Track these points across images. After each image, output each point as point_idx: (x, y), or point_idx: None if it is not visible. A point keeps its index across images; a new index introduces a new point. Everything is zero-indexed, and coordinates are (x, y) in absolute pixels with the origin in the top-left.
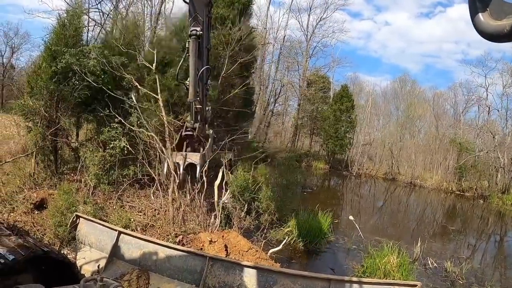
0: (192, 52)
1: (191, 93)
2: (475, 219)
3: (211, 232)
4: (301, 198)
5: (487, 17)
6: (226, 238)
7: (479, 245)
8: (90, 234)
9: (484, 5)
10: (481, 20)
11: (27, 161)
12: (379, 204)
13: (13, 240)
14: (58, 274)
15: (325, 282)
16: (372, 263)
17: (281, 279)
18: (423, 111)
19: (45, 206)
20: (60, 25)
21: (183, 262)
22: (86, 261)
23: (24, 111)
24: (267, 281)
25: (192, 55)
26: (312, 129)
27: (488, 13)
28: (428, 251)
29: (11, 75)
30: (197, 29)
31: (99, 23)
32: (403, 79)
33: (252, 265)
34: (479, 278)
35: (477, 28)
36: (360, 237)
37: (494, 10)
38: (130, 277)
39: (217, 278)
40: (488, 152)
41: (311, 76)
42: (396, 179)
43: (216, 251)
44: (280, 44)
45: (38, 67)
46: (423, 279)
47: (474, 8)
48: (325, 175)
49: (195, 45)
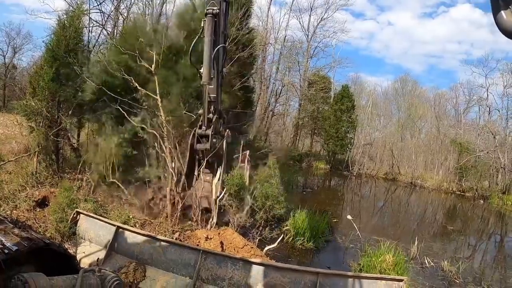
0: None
1: (205, 75)
2: (475, 219)
3: (208, 229)
4: (301, 197)
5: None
6: (222, 235)
7: (479, 246)
8: (90, 230)
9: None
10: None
11: (29, 160)
12: (379, 204)
13: (17, 233)
14: (59, 266)
15: (313, 275)
16: (368, 262)
17: (271, 272)
18: (424, 111)
19: (47, 204)
20: (60, 26)
21: (178, 256)
22: (86, 254)
23: (26, 111)
24: (258, 274)
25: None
26: (313, 129)
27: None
28: (426, 250)
29: (13, 75)
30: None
31: (100, 24)
32: (404, 79)
33: (243, 259)
34: (477, 277)
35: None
36: (358, 236)
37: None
38: (127, 270)
39: (210, 271)
40: (489, 153)
41: (312, 76)
42: (397, 179)
43: (212, 248)
44: (281, 44)
45: (40, 68)
46: (419, 278)
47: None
48: (326, 175)
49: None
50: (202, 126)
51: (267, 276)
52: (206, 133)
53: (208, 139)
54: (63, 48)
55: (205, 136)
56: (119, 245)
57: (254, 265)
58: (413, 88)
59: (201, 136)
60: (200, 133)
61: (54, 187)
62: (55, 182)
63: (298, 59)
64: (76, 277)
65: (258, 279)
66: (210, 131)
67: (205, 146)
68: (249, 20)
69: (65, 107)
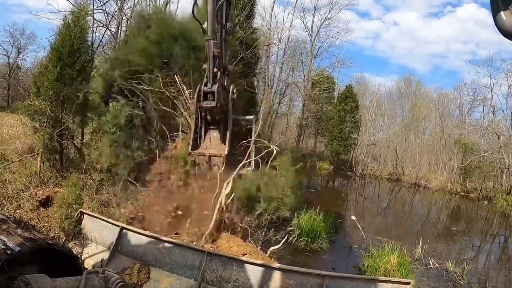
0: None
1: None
2: (479, 220)
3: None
4: (304, 198)
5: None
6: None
7: (483, 247)
8: (94, 230)
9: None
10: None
11: (33, 159)
12: (383, 204)
13: (20, 233)
14: (62, 267)
15: (319, 278)
16: (372, 263)
17: (276, 275)
18: (428, 111)
19: (51, 203)
20: (65, 26)
21: (183, 257)
22: (90, 255)
23: (30, 111)
24: (263, 276)
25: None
26: (317, 129)
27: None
28: (430, 251)
29: (17, 75)
30: None
31: (104, 24)
32: (408, 79)
33: (249, 261)
34: (481, 279)
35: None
36: (362, 237)
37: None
38: (131, 271)
39: (215, 273)
40: (493, 153)
41: (316, 76)
42: (401, 180)
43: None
44: (285, 45)
45: (44, 68)
46: (424, 279)
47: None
48: (329, 175)
49: None
50: (207, 83)
51: (272, 279)
52: (212, 89)
53: (214, 96)
54: (68, 48)
55: (211, 92)
56: (123, 246)
57: (259, 267)
58: (417, 88)
59: (206, 93)
60: (206, 90)
61: (58, 186)
62: (59, 182)
63: (302, 59)
64: (80, 279)
65: (264, 281)
66: (215, 87)
67: (211, 103)
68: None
69: (69, 107)
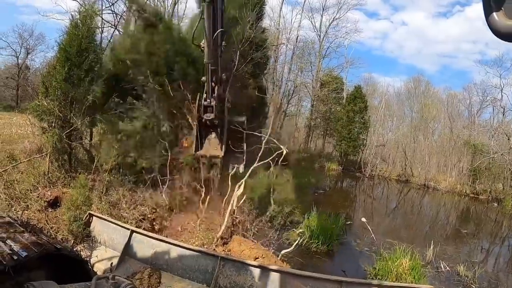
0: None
1: (207, 54)
2: (489, 222)
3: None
4: (313, 199)
5: (502, 17)
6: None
7: (492, 249)
8: (103, 233)
9: (498, 5)
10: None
11: (42, 160)
12: (392, 206)
13: (26, 237)
14: (71, 272)
15: (336, 284)
16: (384, 266)
17: (292, 280)
18: (437, 112)
19: (59, 204)
20: (72, 26)
21: (195, 262)
22: (99, 259)
23: (38, 111)
24: (278, 282)
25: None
26: (325, 130)
27: (502, 13)
28: (441, 254)
29: (26, 75)
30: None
31: (113, 24)
32: (417, 79)
33: (264, 266)
34: (493, 283)
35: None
36: (372, 239)
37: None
38: (142, 276)
39: (228, 278)
40: (503, 155)
41: (324, 76)
42: (410, 181)
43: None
44: (293, 45)
45: (53, 68)
46: (436, 283)
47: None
48: (338, 176)
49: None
50: (206, 99)
51: (288, 284)
52: (211, 104)
53: (213, 109)
54: (76, 48)
55: (210, 106)
56: (133, 250)
57: (274, 273)
58: (426, 89)
59: (206, 107)
60: (206, 105)
61: (66, 187)
62: (68, 182)
63: (311, 59)
64: (89, 285)
65: (279, 287)
66: (214, 102)
67: (211, 116)
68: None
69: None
